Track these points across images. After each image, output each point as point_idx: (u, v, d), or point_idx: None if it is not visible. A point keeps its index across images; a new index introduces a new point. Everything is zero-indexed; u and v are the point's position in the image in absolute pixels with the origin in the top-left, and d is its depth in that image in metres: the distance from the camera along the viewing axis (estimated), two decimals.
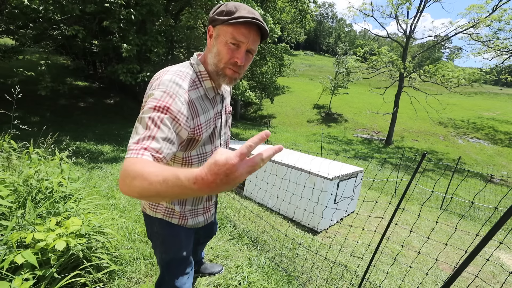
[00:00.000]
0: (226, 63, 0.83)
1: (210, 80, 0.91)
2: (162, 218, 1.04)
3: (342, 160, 8.50)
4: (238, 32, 0.79)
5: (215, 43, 0.83)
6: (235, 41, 0.80)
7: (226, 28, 0.79)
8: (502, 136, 17.55)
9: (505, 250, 3.53)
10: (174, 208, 1.03)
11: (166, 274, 1.13)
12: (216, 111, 0.97)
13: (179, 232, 1.07)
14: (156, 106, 0.72)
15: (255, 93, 16.72)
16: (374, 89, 18.66)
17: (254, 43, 0.83)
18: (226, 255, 2.27)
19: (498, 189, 9.56)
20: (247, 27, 0.79)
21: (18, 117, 2.27)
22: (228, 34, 0.79)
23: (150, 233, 1.12)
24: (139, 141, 0.68)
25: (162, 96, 0.75)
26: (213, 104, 0.95)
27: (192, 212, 1.08)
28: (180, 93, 0.78)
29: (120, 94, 15.35)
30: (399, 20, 16.84)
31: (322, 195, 3.14)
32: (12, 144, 2.18)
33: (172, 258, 1.09)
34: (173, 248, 1.08)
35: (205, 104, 0.89)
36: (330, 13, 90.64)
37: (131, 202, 3.15)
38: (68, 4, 6.95)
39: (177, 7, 10.52)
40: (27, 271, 1.30)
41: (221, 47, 0.82)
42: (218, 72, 0.86)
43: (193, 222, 1.09)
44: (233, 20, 0.77)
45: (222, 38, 0.81)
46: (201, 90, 0.88)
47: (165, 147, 0.70)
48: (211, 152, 0.99)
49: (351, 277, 2.25)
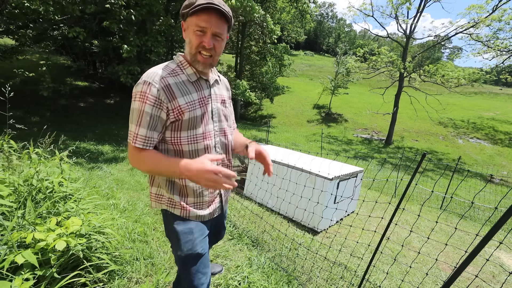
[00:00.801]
0: (196, 48, 0.94)
1: (190, 67, 1.01)
2: (166, 209, 1.08)
3: (342, 160, 8.50)
4: (200, 19, 0.89)
5: (187, 34, 0.95)
6: (199, 27, 0.90)
7: (191, 19, 0.91)
8: (502, 136, 17.54)
9: (505, 250, 3.53)
10: (174, 199, 1.05)
11: (182, 273, 1.13)
12: (202, 95, 1.04)
13: (192, 229, 1.08)
14: (137, 97, 0.91)
15: (255, 93, 16.73)
16: (374, 89, 18.67)
17: (218, 27, 0.91)
18: (226, 255, 2.27)
19: (498, 189, 9.56)
20: (206, 13, 0.88)
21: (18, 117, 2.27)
22: (193, 24, 0.90)
23: (167, 230, 1.14)
24: (135, 129, 0.93)
25: (141, 86, 0.91)
26: (197, 88, 1.03)
27: (196, 205, 1.09)
28: (156, 80, 0.91)
29: (120, 94, 15.34)
30: (399, 20, 16.85)
31: (322, 195, 3.14)
32: (12, 144, 2.18)
33: (187, 256, 1.08)
34: (187, 246, 1.08)
35: (186, 87, 0.99)
36: (330, 13, 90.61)
37: (131, 202, 3.15)
38: (68, 5, 6.95)
39: (177, 7, 10.52)
40: (28, 271, 1.30)
41: (191, 36, 0.93)
42: (192, 59, 0.97)
43: (197, 214, 1.09)
44: (192, 9, 0.87)
45: (191, 28, 0.92)
46: (182, 76, 0.99)
47: (150, 132, 0.94)
48: (202, 136, 1.05)
49: (351, 277, 2.25)
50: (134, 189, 3.83)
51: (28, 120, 9.09)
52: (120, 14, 7.56)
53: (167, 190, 1.05)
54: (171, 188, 1.05)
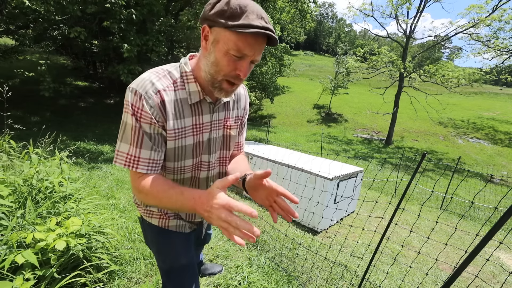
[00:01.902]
0: (225, 76, 0.71)
1: (195, 83, 0.78)
2: (143, 217, 0.97)
3: (342, 160, 8.51)
4: (244, 43, 0.64)
5: (213, 50, 0.69)
6: (239, 53, 0.66)
7: (228, 34, 0.64)
8: (502, 136, 17.54)
9: (505, 250, 3.53)
10: (151, 208, 0.94)
11: (167, 284, 1.04)
12: (199, 121, 0.82)
13: (174, 239, 0.97)
14: (128, 109, 0.71)
15: (255, 93, 16.74)
16: (374, 89, 18.67)
17: (259, 54, 0.69)
18: (226, 255, 2.27)
19: (498, 189, 9.56)
20: (255, 37, 0.65)
21: (18, 117, 2.27)
22: (230, 43, 0.65)
23: (146, 239, 1.05)
24: (133, 152, 0.73)
25: (132, 97, 0.71)
26: (195, 112, 0.80)
27: (176, 215, 0.97)
28: (149, 93, 0.71)
29: (120, 94, 15.33)
30: (399, 20, 16.86)
31: (322, 195, 3.14)
32: (11, 144, 2.18)
33: (170, 268, 0.99)
34: (169, 257, 0.99)
35: (181, 109, 0.77)
36: (330, 13, 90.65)
37: (131, 202, 3.15)
38: (68, 4, 6.95)
39: (177, 7, 10.52)
40: (28, 271, 1.30)
41: (220, 57, 0.68)
42: (214, 84, 0.73)
43: (177, 224, 0.97)
44: (240, 28, 0.62)
45: (223, 46, 0.66)
46: (181, 93, 0.76)
47: (154, 153, 0.75)
48: (192, 168, 0.88)
49: (351, 277, 2.25)
50: None
51: (28, 120, 9.09)
52: (121, 14, 7.56)
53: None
54: None
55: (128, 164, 0.74)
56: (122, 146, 0.74)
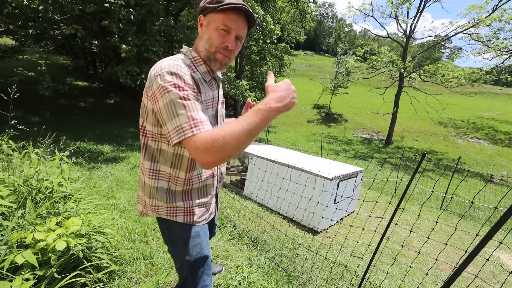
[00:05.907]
0: (217, 47, 0.88)
1: (204, 65, 0.94)
2: (166, 218, 1.01)
3: (342, 160, 8.51)
4: (228, 18, 0.85)
5: (206, 30, 0.89)
6: (225, 27, 0.85)
7: (216, 15, 0.85)
8: (502, 136, 17.55)
9: (505, 250, 3.53)
10: (175, 206, 1.00)
11: (189, 278, 1.07)
12: (213, 95, 0.99)
13: (198, 232, 1.05)
14: (176, 85, 0.78)
15: (255, 93, 16.71)
16: (374, 89, 18.68)
17: (242, 30, 0.89)
18: (226, 255, 2.27)
19: (498, 189, 9.56)
20: (236, 13, 0.85)
21: (18, 117, 2.27)
22: (218, 21, 0.85)
23: (168, 237, 1.07)
24: (190, 118, 0.75)
25: (172, 77, 0.78)
26: (211, 88, 0.98)
27: (200, 206, 1.05)
28: (183, 71, 0.82)
29: (120, 94, 15.34)
30: (399, 20, 16.87)
31: (322, 195, 3.14)
32: (11, 144, 2.18)
33: (196, 260, 1.04)
34: (195, 250, 1.04)
35: (203, 85, 0.92)
36: (330, 13, 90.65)
37: (131, 202, 3.15)
38: (67, 4, 6.94)
39: (177, 7, 10.51)
40: (28, 271, 1.30)
41: (212, 33, 0.87)
42: (209, 57, 0.91)
43: (202, 218, 1.06)
44: (223, 6, 0.82)
45: (213, 24, 0.86)
46: (198, 74, 0.91)
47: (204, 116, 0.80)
48: None
49: (351, 277, 2.25)
50: (134, 189, 3.83)
51: (28, 120, 9.08)
52: (120, 14, 7.55)
53: (166, 201, 0.99)
54: (171, 198, 0.99)
55: (195, 128, 0.74)
56: (179, 120, 0.76)
